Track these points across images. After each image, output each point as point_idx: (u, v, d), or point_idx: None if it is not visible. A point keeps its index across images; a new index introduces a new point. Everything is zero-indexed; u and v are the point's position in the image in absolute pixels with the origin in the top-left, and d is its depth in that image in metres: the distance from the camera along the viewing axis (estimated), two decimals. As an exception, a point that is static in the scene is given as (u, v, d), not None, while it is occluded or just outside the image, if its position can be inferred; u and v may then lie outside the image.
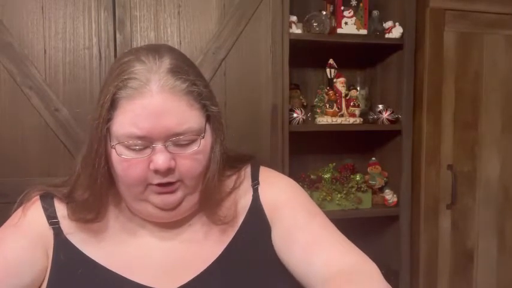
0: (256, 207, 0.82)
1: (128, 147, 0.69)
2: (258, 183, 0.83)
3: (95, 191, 0.73)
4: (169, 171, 0.70)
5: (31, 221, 0.76)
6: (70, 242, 0.76)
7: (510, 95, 2.00)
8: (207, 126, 0.74)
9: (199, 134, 0.72)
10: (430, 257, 1.93)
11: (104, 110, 0.69)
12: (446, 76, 1.90)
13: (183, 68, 0.72)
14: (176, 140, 0.70)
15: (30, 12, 1.50)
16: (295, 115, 1.81)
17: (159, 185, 0.71)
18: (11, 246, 0.74)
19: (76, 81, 1.54)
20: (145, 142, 0.69)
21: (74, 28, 1.54)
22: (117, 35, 1.56)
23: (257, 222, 0.81)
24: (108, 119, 0.69)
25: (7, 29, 1.48)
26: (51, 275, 0.75)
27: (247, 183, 0.84)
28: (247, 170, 0.86)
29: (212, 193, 0.76)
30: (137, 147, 0.69)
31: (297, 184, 0.87)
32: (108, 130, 0.70)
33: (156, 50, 0.73)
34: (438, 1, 1.86)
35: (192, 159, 0.72)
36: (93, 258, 0.75)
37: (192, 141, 0.71)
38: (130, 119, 0.68)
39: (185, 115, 0.70)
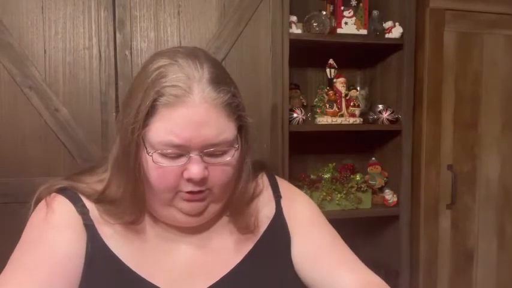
0: (279, 220, 0.83)
1: (163, 155, 0.68)
2: (280, 196, 0.86)
3: (131, 196, 0.72)
4: (202, 180, 0.70)
5: (63, 212, 0.74)
6: (99, 235, 0.74)
7: (510, 95, 2.00)
8: (239, 137, 0.74)
9: (233, 144, 0.72)
10: (430, 257, 1.93)
11: (141, 116, 0.67)
12: (446, 76, 1.90)
13: (224, 78, 0.72)
14: (212, 150, 0.69)
15: (30, 12, 1.50)
16: (295, 115, 1.81)
17: (190, 192, 0.71)
18: (56, 240, 0.72)
19: (76, 81, 1.54)
20: (182, 150, 0.68)
21: (74, 28, 1.54)
22: (117, 35, 1.56)
23: (279, 234, 0.83)
24: (145, 125, 0.68)
25: (7, 29, 1.48)
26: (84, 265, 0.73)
27: (267, 194, 0.85)
28: (264, 179, 0.87)
29: (241, 201, 0.78)
30: (172, 155, 0.69)
31: (313, 202, 0.91)
32: (144, 135, 0.69)
33: (194, 55, 0.71)
34: (438, 1, 1.86)
35: (223, 169, 0.72)
36: (117, 254, 0.74)
37: (225, 152, 0.71)
38: (169, 127, 0.67)
39: (223, 126, 0.70)
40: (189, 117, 0.67)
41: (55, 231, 0.73)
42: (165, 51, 0.74)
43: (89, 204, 0.76)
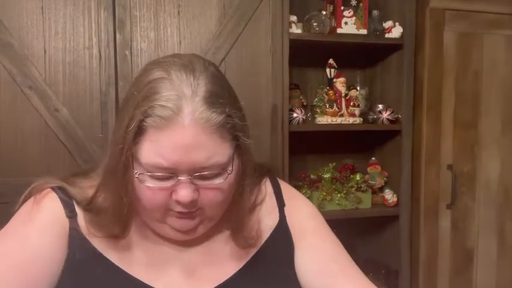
0: (282, 229, 0.82)
1: (152, 176, 0.66)
2: (284, 205, 0.84)
3: (119, 208, 0.70)
4: (192, 203, 0.67)
5: (50, 212, 0.72)
6: (88, 240, 0.72)
7: (510, 95, 2.00)
8: (235, 157, 0.69)
9: (226, 167, 0.68)
10: (430, 257, 1.93)
11: (129, 136, 0.64)
12: (446, 76, 1.90)
13: (220, 96, 0.66)
14: (202, 174, 0.66)
15: (30, 12, 1.50)
16: (295, 115, 1.81)
17: (180, 212, 0.69)
18: (37, 240, 0.69)
19: (76, 81, 1.54)
20: (170, 173, 0.65)
21: (74, 28, 1.54)
22: (117, 35, 1.56)
23: (282, 243, 0.81)
24: (134, 143, 0.65)
25: (7, 29, 1.48)
26: (63, 272, 0.71)
27: (270, 202, 0.83)
28: (267, 185, 0.85)
29: (240, 215, 0.76)
30: (161, 177, 0.66)
31: (316, 209, 0.89)
32: (133, 155, 0.66)
33: (191, 68, 0.66)
34: (438, 1, 1.86)
35: (215, 191, 0.69)
36: (111, 259, 0.73)
37: (217, 175, 0.67)
38: (157, 149, 0.63)
39: (215, 149, 0.65)
40: (177, 140, 0.63)
41: (34, 230, 0.70)
42: (162, 60, 0.69)
43: (78, 209, 0.74)
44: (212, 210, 0.71)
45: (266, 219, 0.81)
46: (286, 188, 0.87)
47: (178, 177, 0.65)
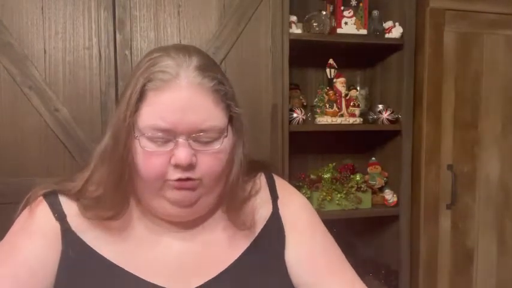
0: (275, 220, 0.83)
1: (151, 140, 0.70)
2: (277, 197, 0.85)
3: (115, 186, 0.73)
4: (190, 166, 0.70)
5: (40, 219, 0.75)
6: (80, 238, 0.75)
7: (510, 95, 2.00)
8: (229, 127, 0.74)
9: (222, 132, 0.72)
10: (430, 257, 1.93)
11: (132, 101, 0.70)
12: (446, 76, 1.90)
13: (211, 66, 0.74)
14: (199, 136, 0.70)
15: (30, 12, 1.50)
16: (295, 115, 1.81)
17: (179, 180, 0.71)
18: (29, 249, 0.73)
19: (76, 81, 1.54)
20: (169, 136, 0.69)
21: (74, 28, 1.54)
22: (117, 35, 1.56)
23: (275, 234, 0.82)
24: (135, 111, 0.70)
25: (7, 29, 1.48)
26: (59, 272, 0.74)
27: (265, 194, 0.85)
28: (262, 179, 0.87)
29: (235, 195, 0.77)
30: (160, 140, 0.70)
31: (310, 203, 0.90)
32: (134, 122, 0.70)
33: (185, 49, 0.74)
34: (438, 1, 1.86)
35: (213, 158, 0.72)
36: (105, 256, 0.74)
37: (214, 139, 0.72)
38: (156, 111, 0.69)
39: (210, 112, 0.71)
40: (175, 101, 0.69)
41: (28, 240, 0.74)
42: (160, 47, 0.77)
43: (68, 209, 0.76)
44: (211, 181, 0.73)
45: (261, 210, 0.83)
46: (280, 182, 0.89)
47: (177, 139, 0.69)
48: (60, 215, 0.75)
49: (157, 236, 0.78)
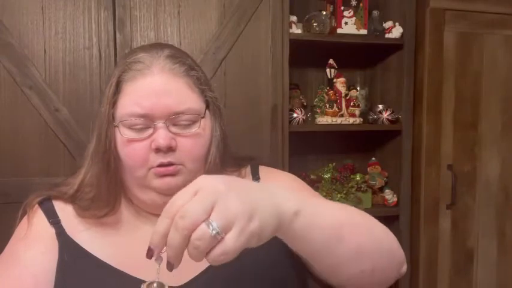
0: None
1: (130, 127, 0.73)
2: (258, 178, 0.86)
3: (106, 183, 0.75)
4: (170, 150, 0.72)
5: (37, 227, 0.77)
6: (74, 241, 0.76)
7: (510, 95, 2.00)
8: (207, 111, 0.77)
9: (199, 114, 0.75)
10: (430, 257, 1.93)
11: (110, 94, 0.74)
12: (446, 76, 1.90)
13: (181, 54, 0.79)
14: (176, 118, 0.73)
15: (30, 12, 1.50)
16: (295, 115, 1.81)
17: (161, 165, 0.72)
18: (30, 258, 0.74)
19: (76, 81, 1.54)
20: (147, 121, 0.72)
21: (74, 28, 1.53)
22: (117, 35, 1.56)
23: None
24: (114, 103, 0.74)
25: (7, 29, 1.48)
26: (56, 275, 0.75)
27: (248, 179, 0.86)
28: (247, 170, 0.88)
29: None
30: (139, 127, 0.72)
31: (296, 177, 0.91)
32: (114, 114, 0.74)
33: (158, 44, 0.80)
34: (438, 1, 1.86)
35: (192, 140, 0.74)
36: (96, 255, 0.75)
37: (192, 122, 0.75)
38: (132, 98, 0.72)
39: (185, 95, 0.74)
40: (149, 86, 0.72)
41: (26, 247, 0.75)
42: (138, 46, 0.85)
43: (62, 213, 0.78)
44: (192, 164, 0.75)
45: None
46: (264, 168, 0.90)
47: (155, 123, 0.72)
48: (54, 220, 0.77)
49: (148, 232, 0.78)
